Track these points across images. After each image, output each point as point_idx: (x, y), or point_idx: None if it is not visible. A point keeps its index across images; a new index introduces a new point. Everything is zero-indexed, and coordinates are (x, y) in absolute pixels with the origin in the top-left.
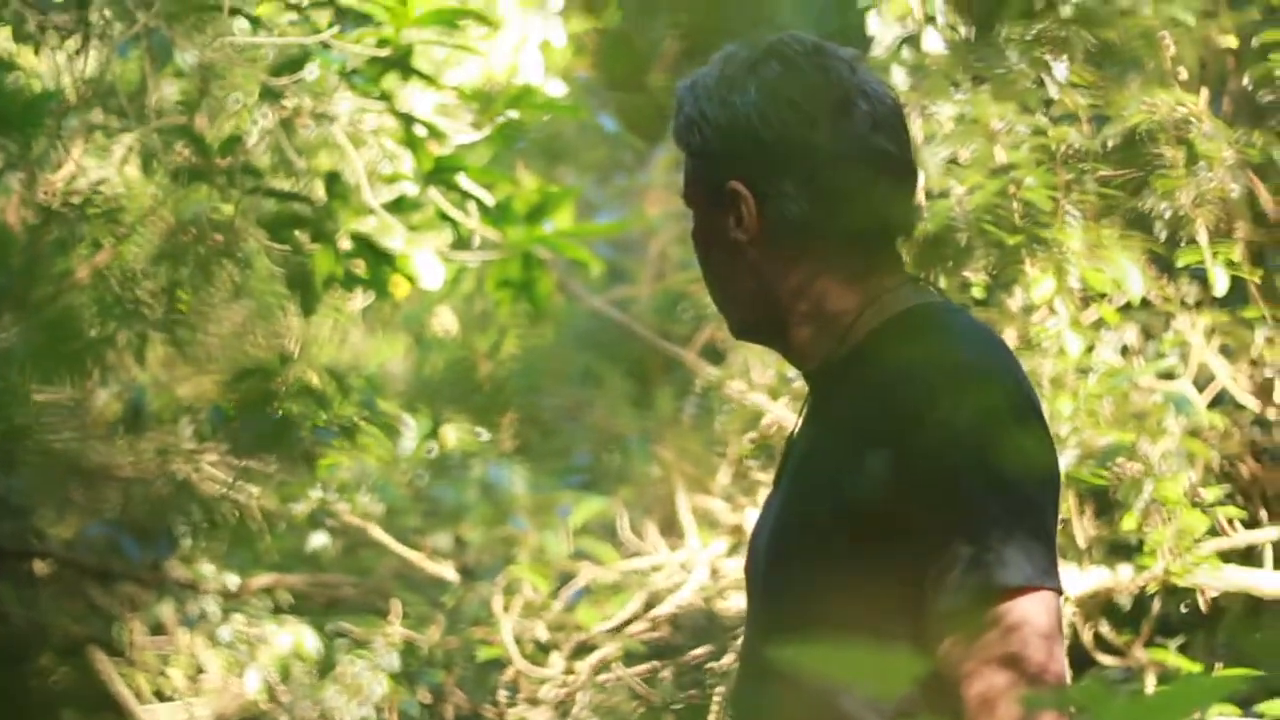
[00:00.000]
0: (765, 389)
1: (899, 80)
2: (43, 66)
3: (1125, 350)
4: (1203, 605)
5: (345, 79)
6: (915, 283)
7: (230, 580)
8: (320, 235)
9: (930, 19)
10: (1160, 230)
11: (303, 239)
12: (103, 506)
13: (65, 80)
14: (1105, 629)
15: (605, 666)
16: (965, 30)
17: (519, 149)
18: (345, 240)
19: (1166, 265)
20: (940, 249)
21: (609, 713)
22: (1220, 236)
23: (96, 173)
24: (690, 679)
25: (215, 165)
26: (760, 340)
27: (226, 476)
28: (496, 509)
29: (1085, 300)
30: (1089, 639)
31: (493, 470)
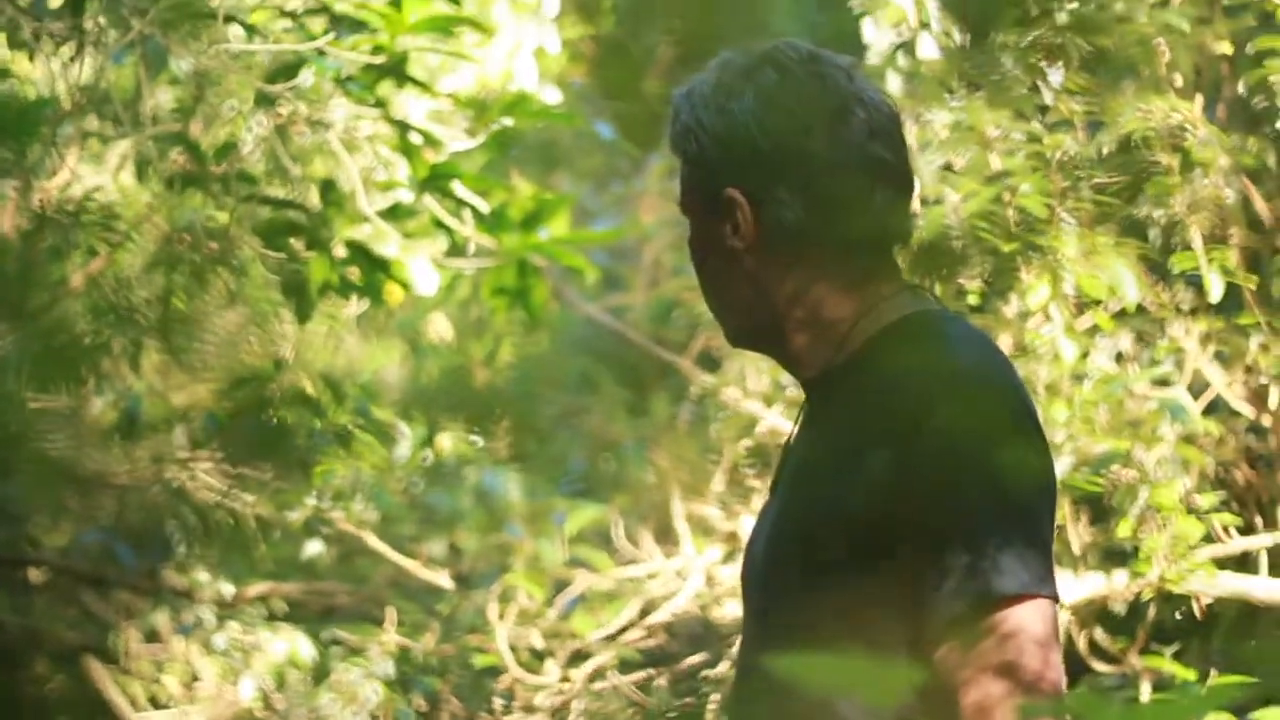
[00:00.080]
0: (760, 396)
1: (894, 87)
2: (37, 73)
3: (1120, 357)
4: (1198, 612)
5: (340, 86)
6: (912, 290)
7: (225, 588)
8: (315, 242)
9: (925, 25)
10: (1155, 236)
11: (297, 246)
12: (98, 514)
13: (60, 87)
14: (1100, 635)
15: (601, 674)
16: (960, 37)
17: (514, 156)
18: (340, 247)
19: (1161, 271)
20: (936, 256)
21: None
22: (1215, 242)
23: (91, 180)
24: (686, 686)
25: (210, 172)
26: (757, 348)
27: (221, 484)
28: (492, 516)
29: (1080, 306)
30: (1084, 646)
31: (488, 477)
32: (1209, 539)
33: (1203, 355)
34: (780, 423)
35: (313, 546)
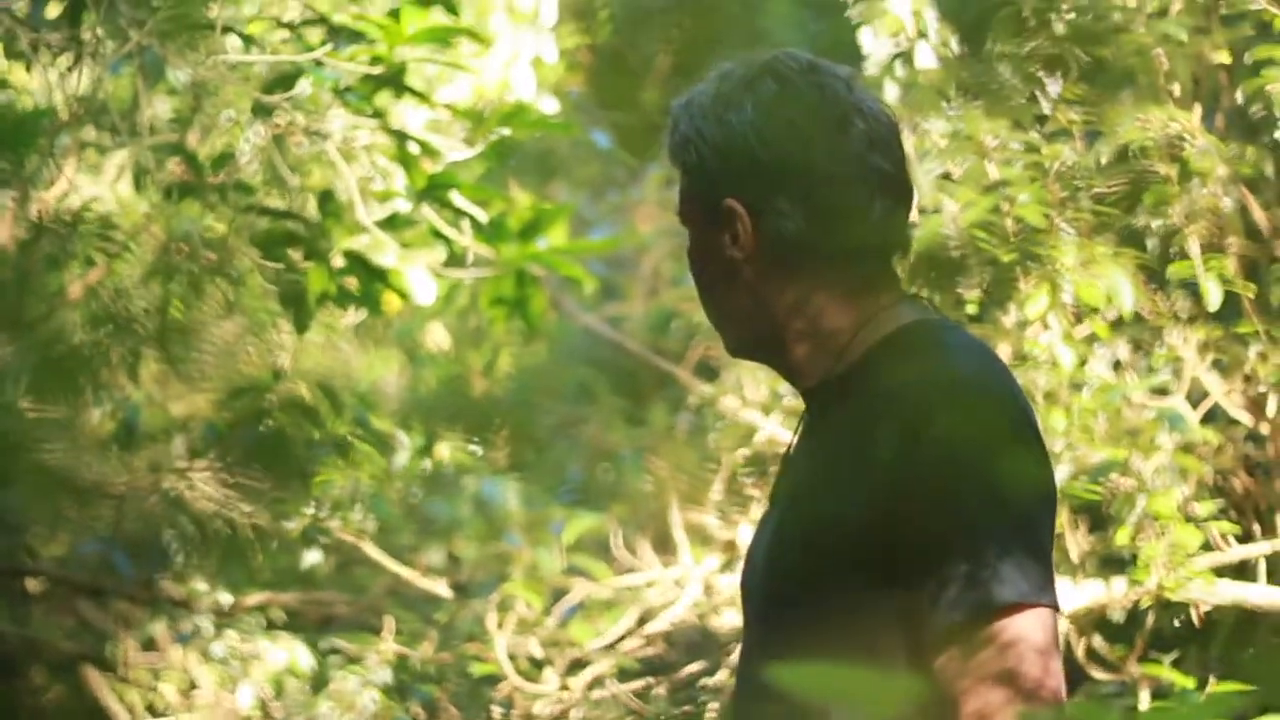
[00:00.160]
0: (759, 405)
1: (892, 96)
2: (35, 84)
3: (1118, 365)
4: (1196, 620)
5: (338, 96)
6: (911, 300)
7: (223, 597)
8: (313, 252)
9: (923, 35)
10: (1153, 245)
11: (295, 256)
12: (95, 523)
13: (57, 97)
14: (1099, 643)
15: (599, 683)
16: (958, 47)
17: (512, 166)
18: (338, 257)
19: (1159, 280)
20: (934, 265)
21: None
22: (1213, 251)
23: (89, 190)
24: (684, 695)
25: (208, 182)
26: (757, 358)
27: (219, 493)
28: (490, 525)
29: (1078, 315)
30: (1082, 654)
31: (486, 486)
32: (1207, 547)
33: (1201, 364)
34: (778, 432)
35: (311, 556)
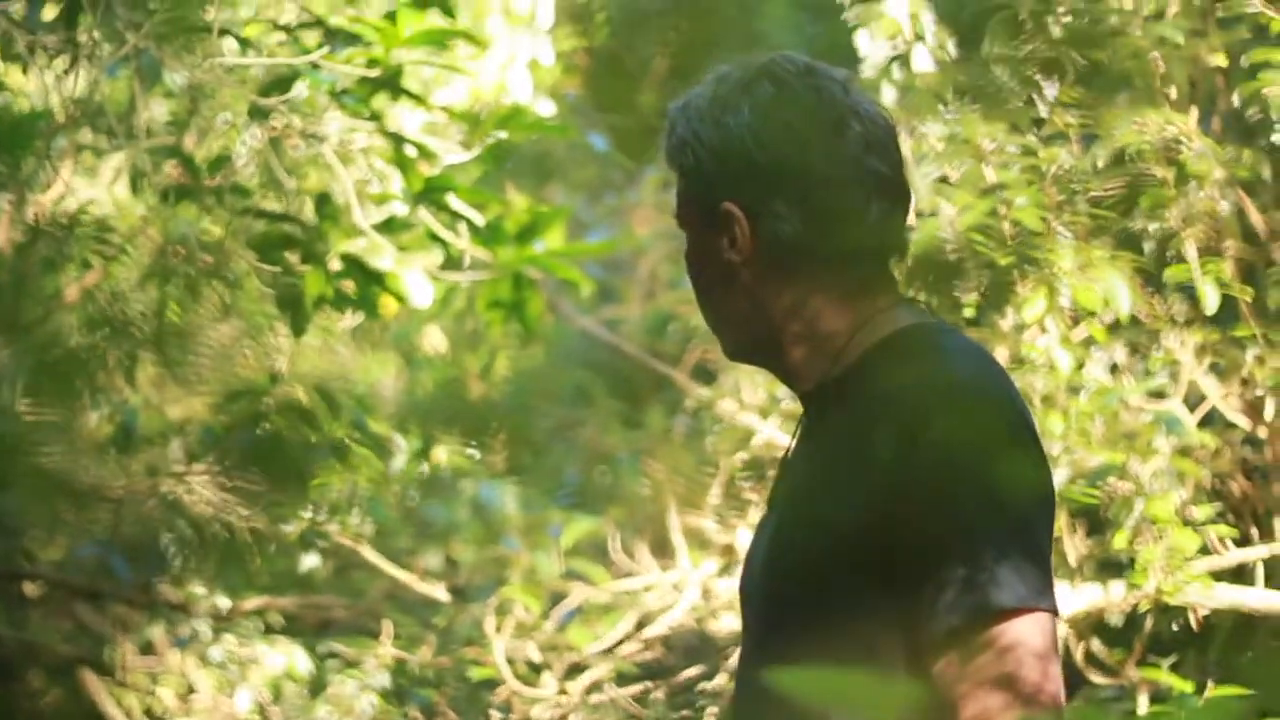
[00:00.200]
0: (756, 408)
1: (888, 99)
2: (31, 86)
3: (1115, 369)
4: (1194, 623)
5: (334, 99)
6: (909, 303)
7: (221, 601)
8: (310, 255)
9: (920, 38)
10: (1150, 249)
11: (292, 259)
12: (93, 527)
13: (54, 100)
14: (1097, 647)
15: (597, 687)
16: (955, 49)
17: (509, 168)
18: (335, 260)
19: (1156, 283)
20: (931, 269)
21: None
22: (1210, 254)
23: (85, 192)
24: (683, 699)
25: (204, 185)
26: (754, 361)
27: (217, 497)
28: (488, 529)
29: (1075, 319)
30: (1081, 657)
31: (484, 490)
32: (1205, 551)
33: (1198, 367)
34: (776, 435)
35: (309, 559)
